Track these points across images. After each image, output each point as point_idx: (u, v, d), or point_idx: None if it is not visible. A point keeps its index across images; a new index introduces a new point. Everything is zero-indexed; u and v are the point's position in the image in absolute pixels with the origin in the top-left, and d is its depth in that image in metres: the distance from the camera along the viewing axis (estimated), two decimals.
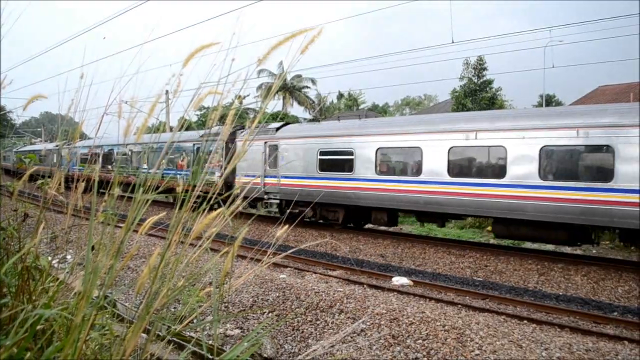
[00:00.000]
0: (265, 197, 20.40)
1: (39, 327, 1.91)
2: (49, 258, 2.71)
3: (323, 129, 19.18)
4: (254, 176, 20.68)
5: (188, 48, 2.06)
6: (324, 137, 18.61)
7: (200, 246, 2.13)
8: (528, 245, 16.90)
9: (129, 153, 27.83)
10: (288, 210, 19.09)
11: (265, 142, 20.50)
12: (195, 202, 2.14)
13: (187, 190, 2.22)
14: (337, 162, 18.01)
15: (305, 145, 19.21)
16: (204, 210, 2.11)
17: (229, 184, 20.33)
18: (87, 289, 1.70)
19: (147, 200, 2.08)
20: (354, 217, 19.02)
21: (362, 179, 16.94)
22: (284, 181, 19.71)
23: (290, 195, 19.02)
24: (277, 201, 20.18)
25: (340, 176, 17.70)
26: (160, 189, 2.25)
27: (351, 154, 17.38)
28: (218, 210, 2.06)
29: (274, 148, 20.36)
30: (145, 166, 25.70)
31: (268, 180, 20.37)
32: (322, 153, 18.46)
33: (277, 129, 20.59)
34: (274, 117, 38.34)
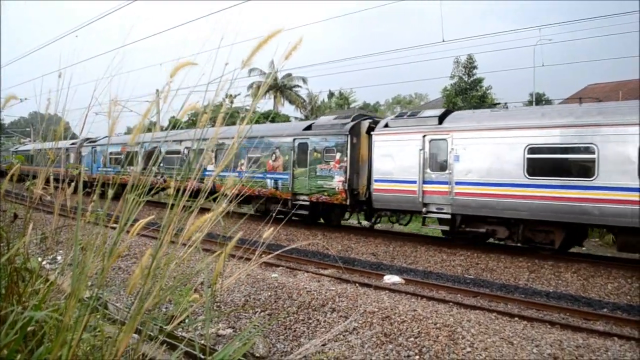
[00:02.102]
0: (424, 210, 15.27)
1: (29, 328, 1.90)
2: (39, 259, 2.69)
3: (533, 116, 13.97)
4: (404, 182, 15.67)
5: (179, 46, 2.06)
6: (537, 129, 13.34)
7: (190, 246, 2.13)
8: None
9: (185, 152, 22.22)
10: (467, 229, 15.02)
11: (424, 136, 15.31)
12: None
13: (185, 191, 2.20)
14: (561, 164, 13.19)
15: (500, 139, 13.92)
16: (197, 210, 2.10)
17: (355, 192, 17.24)
18: (75, 288, 1.69)
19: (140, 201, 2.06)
20: (572, 238, 14.11)
21: (613, 187, 11.97)
22: (459, 189, 14.49)
23: (472, 209, 14.41)
24: (447, 216, 14.91)
25: (568, 183, 12.68)
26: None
27: (590, 151, 12.44)
28: (210, 214, 2.04)
29: (441, 143, 15.06)
30: (211, 167, 20.81)
31: (430, 187, 15.17)
32: (534, 150, 13.37)
33: (441, 117, 15.53)
34: (266, 116, 38.24)
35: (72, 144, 32.49)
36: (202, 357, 2.07)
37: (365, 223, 19.80)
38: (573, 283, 11.65)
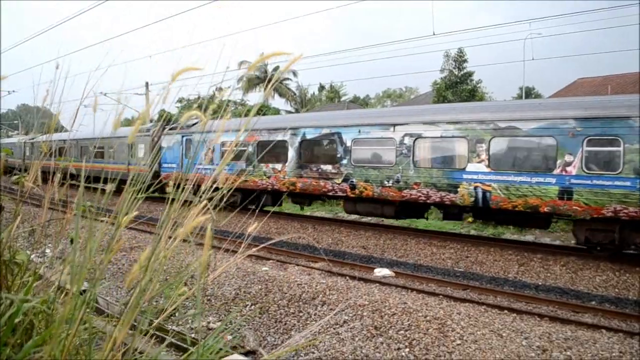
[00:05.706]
0: None
1: (16, 320, 1.88)
2: (28, 252, 2.67)
3: None
4: None
5: (169, 39, 2.02)
6: None
7: (185, 242, 2.11)
8: (508, 236, 17.09)
9: (406, 142, 14.73)
10: None
11: None
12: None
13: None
14: None
15: None
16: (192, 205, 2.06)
17: None
18: (75, 281, 1.67)
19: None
20: None
21: None
22: None
23: None
24: None
25: None
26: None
27: None
28: (207, 216, 1.99)
29: None
30: (478, 168, 13.11)
31: None
32: None
33: None
34: (257, 110, 38.04)
35: (148, 130, 23.82)
36: (189, 347, 2.05)
37: None
38: (562, 276, 11.74)
